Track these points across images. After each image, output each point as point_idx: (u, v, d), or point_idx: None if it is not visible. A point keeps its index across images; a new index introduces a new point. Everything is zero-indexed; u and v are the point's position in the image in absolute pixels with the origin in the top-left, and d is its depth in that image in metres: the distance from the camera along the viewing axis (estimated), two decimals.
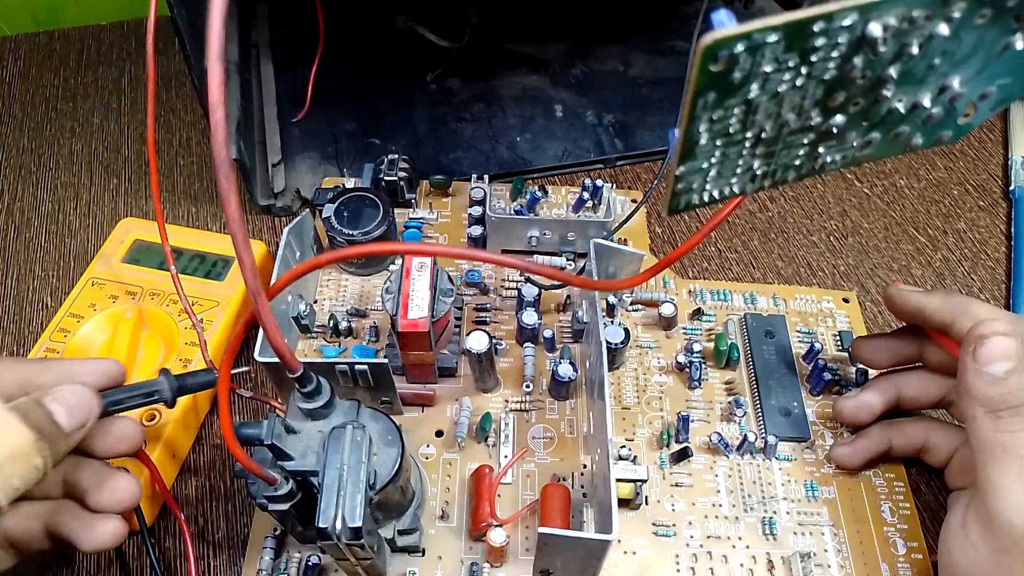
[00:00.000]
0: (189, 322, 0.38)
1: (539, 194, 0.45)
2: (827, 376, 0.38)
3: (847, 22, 0.18)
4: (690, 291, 0.43)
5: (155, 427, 0.35)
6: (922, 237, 0.47)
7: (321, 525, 0.25)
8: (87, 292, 0.40)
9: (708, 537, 0.34)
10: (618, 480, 0.33)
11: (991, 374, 0.28)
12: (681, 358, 0.39)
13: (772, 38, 0.18)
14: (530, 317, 0.39)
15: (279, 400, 0.37)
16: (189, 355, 0.38)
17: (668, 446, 0.37)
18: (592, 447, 0.35)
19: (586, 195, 0.44)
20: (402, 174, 0.44)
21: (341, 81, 0.54)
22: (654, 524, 0.35)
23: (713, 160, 0.21)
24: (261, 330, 0.25)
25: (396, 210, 0.44)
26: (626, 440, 0.37)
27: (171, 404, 0.31)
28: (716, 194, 0.22)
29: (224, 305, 0.40)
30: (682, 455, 0.36)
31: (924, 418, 0.37)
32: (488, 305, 0.42)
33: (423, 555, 0.33)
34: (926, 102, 0.21)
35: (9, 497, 0.23)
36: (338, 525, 0.25)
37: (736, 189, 0.23)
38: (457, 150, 0.51)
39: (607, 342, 0.36)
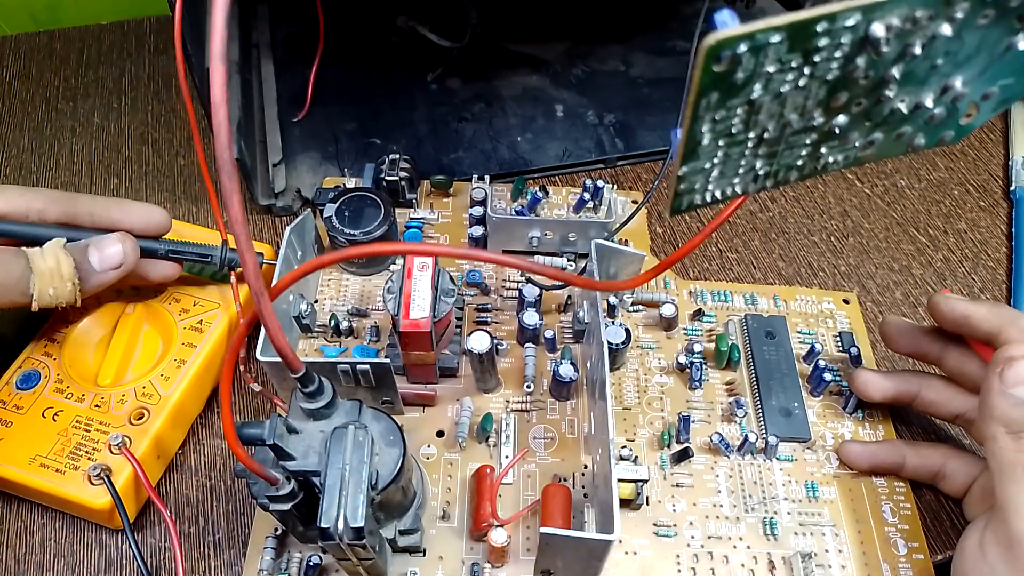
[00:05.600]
0: (187, 322, 0.38)
1: (540, 194, 0.45)
2: (828, 377, 0.38)
3: (850, 22, 0.18)
4: (691, 292, 0.43)
5: (142, 426, 0.35)
6: (923, 237, 0.47)
7: (323, 525, 0.25)
8: None
9: (709, 537, 0.34)
10: (619, 480, 0.33)
11: (1016, 396, 0.28)
12: (682, 359, 0.39)
13: (775, 38, 0.18)
14: (531, 317, 0.39)
15: (283, 399, 0.37)
16: (184, 356, 0.38)
17: (669, 446, 0.37)
18: (593, 447, 0.35)
19: (587, 196, 0.44)
20: (403, 174, 0.44)
21: (342, 81, 0.54)
22: (655, 524, 0.35)
23: (715, 160, 0.21)
24: (263, 330, 0.25)
25: (397, 210, 0.44)
26: (627, 440, 0.37)
27: (219, 274, 0.40)
28: (718, 194, 0.22)
29: (225, 305, 0.40)
30: (683, 455, 0.36)
31: (944, 444, 0.36)
32: (489, 305, 0.42)
33: (424, 555, 0.33)
34: (928, 102, 0.21)
35: (42, 301, 0.32)
36: (340, 525, 0.25)
37: (738, 189, 0.23)
38: (458, 150, 0.51)
39: (608, 342, 0.36)
